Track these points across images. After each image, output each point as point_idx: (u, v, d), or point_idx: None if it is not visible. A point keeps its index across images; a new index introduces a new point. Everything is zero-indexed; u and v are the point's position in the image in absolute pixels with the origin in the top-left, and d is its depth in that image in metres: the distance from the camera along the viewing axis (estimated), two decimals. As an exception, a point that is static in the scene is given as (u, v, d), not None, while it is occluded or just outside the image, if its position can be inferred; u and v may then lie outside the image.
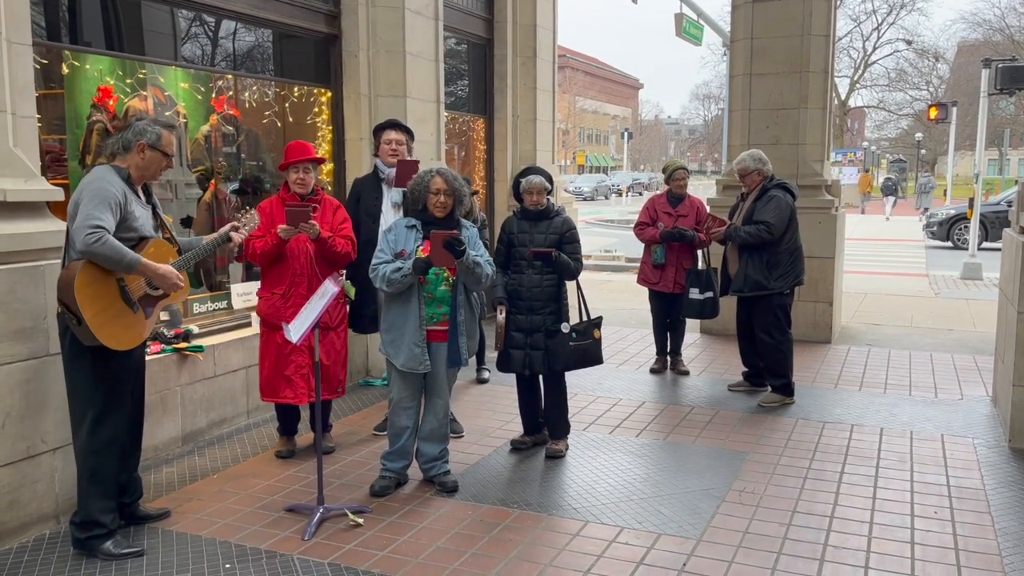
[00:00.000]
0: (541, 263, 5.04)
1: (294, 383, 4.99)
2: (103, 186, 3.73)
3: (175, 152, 4.10)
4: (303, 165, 4.94)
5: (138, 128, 3.92)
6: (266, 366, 5.07)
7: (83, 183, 3.77)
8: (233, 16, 6.22)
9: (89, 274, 3.68)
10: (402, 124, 5.65)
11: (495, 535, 4.12)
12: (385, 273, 4.42)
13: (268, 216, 4.94)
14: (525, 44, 9.52)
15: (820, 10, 8.56)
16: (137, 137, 3.88)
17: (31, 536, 4.06)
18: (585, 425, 5.84)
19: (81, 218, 3.62)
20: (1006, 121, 43.68)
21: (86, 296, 3.65)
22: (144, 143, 3.88)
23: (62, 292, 3.69)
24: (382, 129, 5.56)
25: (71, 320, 3.68)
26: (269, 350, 5.05)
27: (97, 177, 3.77)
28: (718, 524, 4.24)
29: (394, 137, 5.48)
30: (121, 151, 3.89)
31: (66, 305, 3.67)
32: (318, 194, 5.08)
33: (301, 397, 5.00)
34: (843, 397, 6.61)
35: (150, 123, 3.97)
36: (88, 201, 3.66)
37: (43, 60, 4.88)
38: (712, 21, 19.39)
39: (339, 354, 5.14)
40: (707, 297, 6.87)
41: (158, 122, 4.00)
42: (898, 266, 16.59)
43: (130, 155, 3.88)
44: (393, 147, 5.46)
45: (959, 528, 4.23)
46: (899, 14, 47.31)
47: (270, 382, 5.05)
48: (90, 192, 3.69)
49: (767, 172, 6.36)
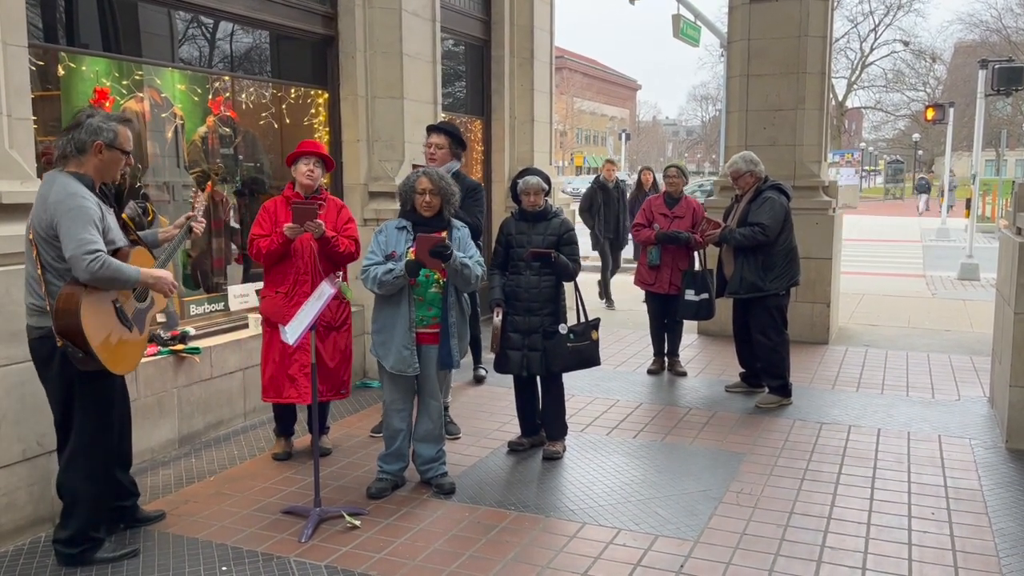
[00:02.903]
0: (539, 264, 5.04)
1: (298, 382, 4.95)
2: (81, 203, 3.46)
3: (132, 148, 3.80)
4: (313, 158, 4.94)
5: (92, 126, 3.58)
6: (269, 366, 5.02)
7: (52, 201, 3.46)
8: (230, 18, 6.21)
9: (91, 303, 3.51)
10: (446, 127, 5.58)
11: (492, 537, 4.12)
12: (376, 275, 4.41)
13: (272, 215, 4.93)
14: (522, 45, 9.51)
15: (817, 11, 8.57)
16: (92, 136, 3.57)
17: (27, 539, 4.05)
18: (583, 426, 5.84)
19: (74, 246, 3.40)
20: (1003, 122, 43.75)
21: (92, 327, 3.49)
22: (101, 142, 3.58)
23: (65, 326, 3.46)
24: (429, 131, 5.57)
25: (75, 353, 3.49)
26: (272, 350, 5.00)
27: (68, 193, 3.47)
28: (715, 525, 4.24)
29: (434, 140, 5.45)
30: (75, 153, 3.57)
31: (69, 339, 3.47)
32: (322, 194, 5.07)
33: (305, 396, 4.93)
34: (840, 398, 6.61)
35: (104, 119, 3.64)
36: (71, 224, 3.41)
37: (39, 62, 4.86)
38: (709, 22, 19.40)
39: (343, 354, 5.11)
40: (703, 298, 6.88)
41: (112, 118, 3.70)
42: (895, 267, 16.60)
43: (86, 157, 3.58)
44: (432, 151, 5.44)
45: (956, 529, 4.23)
46: (896, 15, 47.42)
47: (273, 382, 5.01)
48: (68, 212, 3.43)
49: (760, 173, 6.36)
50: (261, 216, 4.97)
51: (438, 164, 5.29)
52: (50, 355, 3.63)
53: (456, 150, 5.52)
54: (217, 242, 6.34)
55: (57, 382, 3.69)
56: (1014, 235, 5.70)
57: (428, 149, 5.49)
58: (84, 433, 3.72)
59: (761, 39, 8.71)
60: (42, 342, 3.64)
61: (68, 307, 3.46)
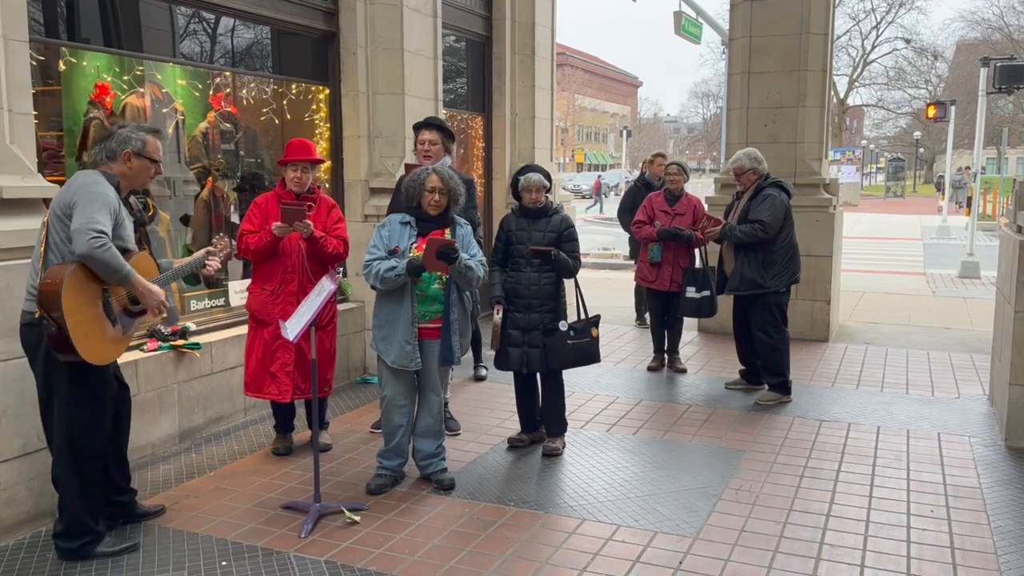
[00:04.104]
0: (540, 261, 5.04)
1: (279, 379, 4.98)
2: (101, 190, 3.60)
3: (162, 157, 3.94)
4: (302, 165, 4.92)
5: (121, 136, 3.76)
6: (252, 361, 5.06)
7: (76, 184, 3.62)
8: (231, 13, 6.20)
9: (77, 280, 3.53)
10: (439, 123, 5.47)
11: (492, 533, 4.13)
12: (379, 271, 4.42)
13: (263, 211, 4.93)
14: (524, 42, 9.51)
15: (819, 8, 8.56)
16: (121, 146, 3.74)
17: (27, 533, 4.06)
18: (582, 423, 5.85)
19: (82, 220, 3.48)
20: (1004, 120, 43.70)
21: (72, 303, 3.50)
22: (129, 151, 3.74)
23: (46, 296, 3.50)
24: (418, 128, 5.44)
25: (49, 327, 3.50)
26: (256, 345, 5.04)
27: (92, 180, 3.63)
28: (714, 522, 4.25)
29: (427, 137, 5.33)
30: (105, 161, 3.74)
31: (47, 310, 3.49)
32: (314, 192, 5.07)
33: (285, 394, 4.99)
34: (840, 395, 6.61)
35: (133, 130, 3.82)
36: (88, 204, 3.52)
37: (40, 56, 4.86)
38: (711, 19, 19.37)
39: (327, 352, 5.13)
40: (704, 296, 6.89)
41: (142, 128, 3.87)
42: (896, 264, 16.60)
43: (116, 164, 3.74)
44: (426, 148, 5.32)
45: (955, 527, 4.23)
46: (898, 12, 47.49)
47: (255, 377, 5.05)
48: (88, 194, 3.55)
49: (762, 171, 6.36)
50: (252, 212, 4.97)
51: (433, 161, 5.18)
52: (38, 341, 3.65)
53: (447, 144, 5.43)
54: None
55: (42, 369, 3.71)
56: (1014, 233, 5.71)
57: (422, 146, 5.35)
58: (66, 421, 3.72)
59: (762, 36, 8.70)
60: (30, 328, 3.67)
61: (54, 279, 3.52)
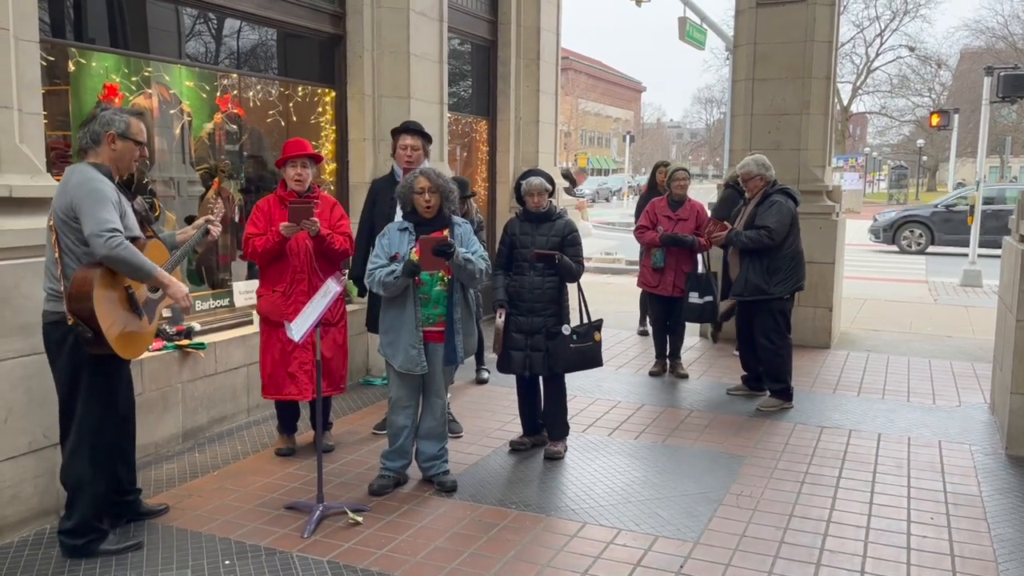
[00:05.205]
0: (543, 265, 5.06)
1: (298, 379, 5.00)
2: (98, 186, 3.59)
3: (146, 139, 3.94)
4: (300, 161, 4.94)
5: (104, 119, 3.75)
6: (268, 363, 5.07)
7: (72, 184, 3.60)
8: (238, 15, 6.24)
9: (104, 284, 3.58)
10: (418, 128, 5.49)
11: (493, 535, 4.14)
12: (380, 277, 4.45)
13: (266, 215, 4.95)
14: (528, 46, 9.54)
15: (823, 16, 8.57)
16: (104, 128, 3.73)
17: (31, 531, 4.08)
18: (584, 427, 5.86)
19: (93, 224, 3.49)
20: (1008, 129, 43.71)
21: (103, 308, 3.55)
22: (113, 133, 3.73)
23: (77, 303, 3.53)
24: (398, 133, 5.45)
25: (85, 333, 3.55)
26: (271, 347, 5.05)
27: (88, 177, 3.62)
28: (715, 527, 4.26)
29: (409, 143, 5.34)
30: (91, 144, 3.74)
31: (81, 319, 3.53)
32: (315, 191, 5.09)
33: (305, 393, 5.00)
34: (841, 402, 6.62)
35: (116, 112, 3.82)
36: (91, 204, 3.53)
37: (49, 57, 4.89)
38: (715, 26, 19.39)
39: (341, 349, 5.16)
40: (706, 301, 6.90)
41: (123, 111, 3.88)
42: (898, 272, 16.60)
43: (101, 148, 3.74)
44: (408, 154, 5.32)
45: (955, 534, 4.25)
46: (902, 20, 47.45)
47: (273, 379, 5.06)
48: (88, 193, 3.55)
49: (770, 178, 6.38)
50: (255, 215, 4.98)
51: (415, 167, 5.11)
52: (62, 339, 3.69)
53: (426, 147, 5.43)
54: (223, 238, 6.37)
55: (66, 368, 3.74)
56: (1017, 242, 5.72)
57: (404, 152, 5.33)
58: (88, 420, 3.76)
59: (767, 43, 8.72)
60: (55, 327, 3.70)
61: (82, 288, 3.55)
